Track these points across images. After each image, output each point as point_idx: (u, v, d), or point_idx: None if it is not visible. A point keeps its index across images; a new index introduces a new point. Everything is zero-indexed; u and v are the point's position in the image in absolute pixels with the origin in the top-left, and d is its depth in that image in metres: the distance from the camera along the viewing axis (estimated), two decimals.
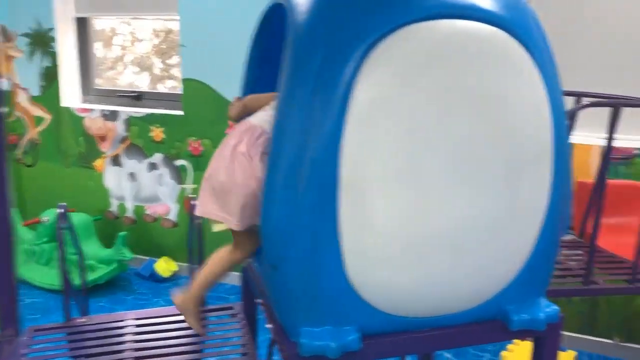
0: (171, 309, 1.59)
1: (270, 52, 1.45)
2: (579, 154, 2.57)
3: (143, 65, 4.11)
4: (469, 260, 1.14)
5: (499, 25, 1.11)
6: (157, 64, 4.07)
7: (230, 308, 1.72)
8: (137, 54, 4.10)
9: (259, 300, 1.43)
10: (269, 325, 1.28)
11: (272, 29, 1.39)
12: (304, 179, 1.06)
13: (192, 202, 1.52)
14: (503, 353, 2.49)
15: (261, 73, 1.49)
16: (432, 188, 1.08)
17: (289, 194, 1.08)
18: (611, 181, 2.33)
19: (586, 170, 2.52)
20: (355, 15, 1.08)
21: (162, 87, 4.06)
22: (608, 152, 1.50)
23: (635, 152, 2.04)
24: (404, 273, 1.11)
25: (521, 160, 1.12)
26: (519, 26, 1.14)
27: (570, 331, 2.71)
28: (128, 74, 4.18)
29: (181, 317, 1.53)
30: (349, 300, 1.12)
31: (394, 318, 1.16)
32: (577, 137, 2.53)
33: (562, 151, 1.19)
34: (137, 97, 3.65)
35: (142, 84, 4.09)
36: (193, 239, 1.70)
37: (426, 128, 1.06)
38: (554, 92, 1.18)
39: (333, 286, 1.10)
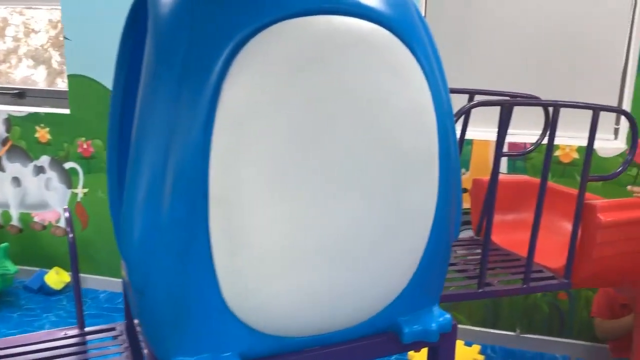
0: (39, 335, 1.42)
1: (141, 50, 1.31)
2: (479, 150, 2.59)
3: (39, 58, 3.79)
4: (355, 273, 1.06)
5: (380, 22, 1.04)
6: (56, 57, 3.76)
7: (112, 329, 1.57)
8: (32, 46, 3.78)
9: (136, 321, 1.30)
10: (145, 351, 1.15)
11: (139, 26, 1.25)
12: (168, 191, 0.94)
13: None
14: (410, 352, 2.48)
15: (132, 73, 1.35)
16: (312, 198, 0.99)
17: (151, 207, 0.96)
18: (507, 177, 2.38)
19: (486, 166, 2.54)
20: (223, 9, 0.97)
21: (62, 82, 3.76)
22: (499, 150, 1.48)
23: (530, 146, 2.06)
24: (285, 291, 1.02)
25: (406, 166, 1.06)
26: (401, 24, 1.07)
27: (474, 325, 2.74)
28: (23, 67, 3.84)
29: (50, 344, 1.37)
30: (227, 324, 1.01)
31: (278, 339, 1.07)
32: (477, 132, 2.55)
33: (449, 155, 1.14)
34: (20, 95, 3.35)
35: (39, 78, 3.78)
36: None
37: (303, 133, 0.97)
38: (440, 94, 1.12)
39: (207, 310, 1.00)
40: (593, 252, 1.55)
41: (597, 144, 2.47)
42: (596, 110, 1.54)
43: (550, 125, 1.49)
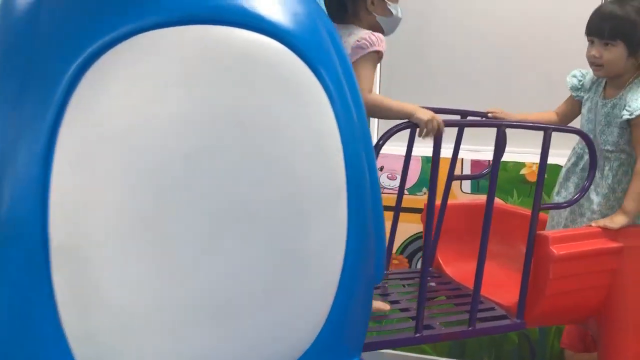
0: None
1: None
2: (440, 168, 2.43)
3: None
4: (244, 332, 0.88)
5: (273, 35, 0.87)
6: None
7: None
8: None
9: None
10: None
11: None
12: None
13: None
14: None
15: None
16: (183, 245, 0.82)
17: None
18: (467, 200, 2.22)
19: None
20: (75, 14, 0.81)
21: None
22: (435, 171, 1.32)
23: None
24: (154, 358, 0.84)
25: (303, 201, 0.89)
26: (301, 38, 0.90)
27: (440, 355, 2.56)
28: None
29: None
30: None
31: None
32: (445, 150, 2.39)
33: (361, 186, 0.98)
34: None
35: None
36: None
37: (170, 167, 0.80)
38: (349, 118, 0.96)
39: None
40: (546, 288, 1.39)
41: (563, 161, 2.34)
42: (548, 130, 1.38)
43: (496, 146, 1.34)
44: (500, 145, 1.33)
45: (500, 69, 2.41)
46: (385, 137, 1.27)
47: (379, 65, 1.52)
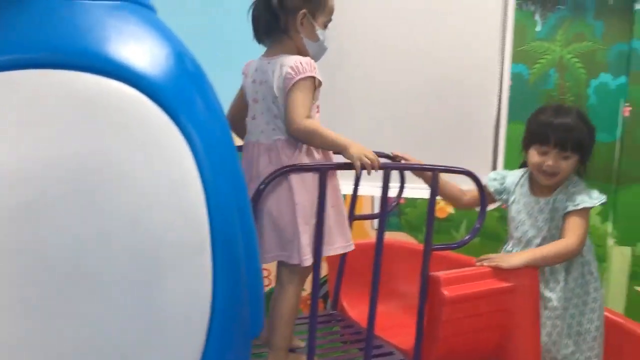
0: None
1: None
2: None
3: None
4: None
5: (124, 78, 0.82)
6: None
7: None
8: None
9: None
10: None
11: None
12: None
13: None
14: None
15: None
16: (13, 315, 0.74)
17: None
18: (370, 242, 2.20)
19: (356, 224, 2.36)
20: None
21: None
22: (321, 213, 1.28)
23: (399, 202, 1.89)
24: None
25: (157, 257, 0.83)
26: (158, 83, 0.86)
27: None
28: None
29: None
30: None
31: None
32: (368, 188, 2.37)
33: (231, 237, 0.93)
34: None
35: None
36: None
37: None
38: (215, 165, 0.91)
39: None
40: (440, 331, 1.37)
41: None
42: (435, 171, 1.38)
43: (383, 187, 1.32)
44: (386, 186, 1.31)
45: (414, 108, 2.44)
46: (267, 181, 1.23)
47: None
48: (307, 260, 1.31)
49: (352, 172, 1.27)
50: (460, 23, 2.33)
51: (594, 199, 1.63)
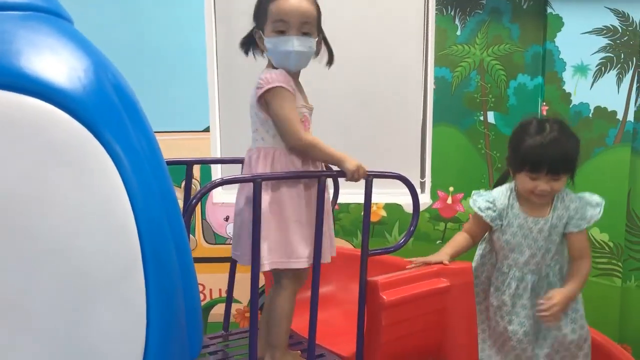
0: None
1: None
2: None
3: None
4: None
5: (42, 96, 0.78)
6: None
7: None
8: None
9: None
10: None
11: None
12: None
13: None
14: None
15: None
16: None
17: None
18: None
19: None
20: None
21: None
22: (256, 226, 1.26)
23: (334, 208, 1.89)
24: None
25: (85, 281, 0.79)
26: (79, 99, 0.81)
27: None
28: None
29: None
30: None
31: None
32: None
33: (165, 254, 0.90)
34: None
35: None
36: None
37: None
38: (144, 184, 0.87)
39: None
40: (381, 335, 1.37)
41: (402, 200, 2.41)
42: (370, 177, 1.39)
43: (319, 194, 1.31)
44: (321, 194, 1.31)
45: (342, 115, 2.45)
46: (199, 196, 1.19)
47: None
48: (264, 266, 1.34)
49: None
50: (383, 29, 2.37)
51: (595, 208, 1.65)
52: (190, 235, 2.34)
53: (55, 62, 0.82)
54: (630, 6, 2.17)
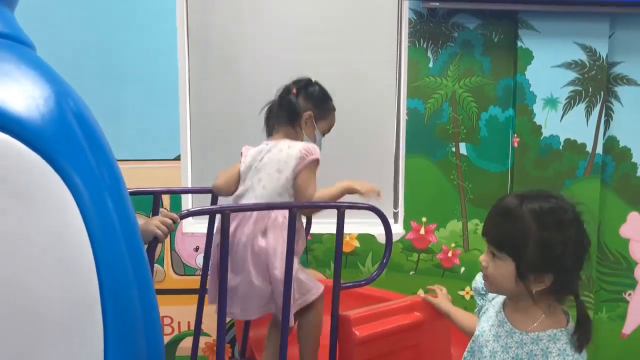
0: None
1: None
2: None
3: None
4: None
5: None
6: None
7: None
8: None
9: None
10: None
11: None
12: None
13: None
14: None
15: None
16: None
17: None
18: None
19: None
20: None
21: None
22: (224, 259, 1.22)
23: (307, 238, 1.86)
24: None
25: (39, 319, 0.74)
26: (36, 129, 0.78)
27: None
28: None
29: None
30: None
31: None
32: None
33: (126, 291, 0.85)
34: None
35: None
36: None
37: None
38: (104, 217, 0.83)
39: None
40: None
41: (375, 230, 2.39)
42: (341, 208, 1.37)
43: (289, 227, 1.28)
44: (292, 225, 1.28)
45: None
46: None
47: None
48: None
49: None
50: (355, 61, 2.38)
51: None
52: (158, 266, 2.28)
53: (12, 90, 0.78)
54: (597, 42, 2.22)
